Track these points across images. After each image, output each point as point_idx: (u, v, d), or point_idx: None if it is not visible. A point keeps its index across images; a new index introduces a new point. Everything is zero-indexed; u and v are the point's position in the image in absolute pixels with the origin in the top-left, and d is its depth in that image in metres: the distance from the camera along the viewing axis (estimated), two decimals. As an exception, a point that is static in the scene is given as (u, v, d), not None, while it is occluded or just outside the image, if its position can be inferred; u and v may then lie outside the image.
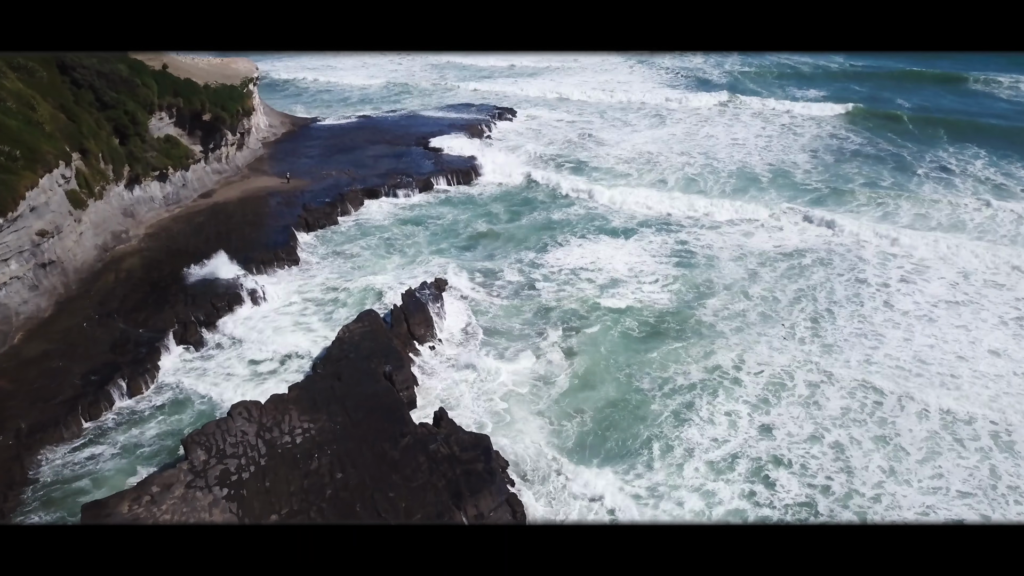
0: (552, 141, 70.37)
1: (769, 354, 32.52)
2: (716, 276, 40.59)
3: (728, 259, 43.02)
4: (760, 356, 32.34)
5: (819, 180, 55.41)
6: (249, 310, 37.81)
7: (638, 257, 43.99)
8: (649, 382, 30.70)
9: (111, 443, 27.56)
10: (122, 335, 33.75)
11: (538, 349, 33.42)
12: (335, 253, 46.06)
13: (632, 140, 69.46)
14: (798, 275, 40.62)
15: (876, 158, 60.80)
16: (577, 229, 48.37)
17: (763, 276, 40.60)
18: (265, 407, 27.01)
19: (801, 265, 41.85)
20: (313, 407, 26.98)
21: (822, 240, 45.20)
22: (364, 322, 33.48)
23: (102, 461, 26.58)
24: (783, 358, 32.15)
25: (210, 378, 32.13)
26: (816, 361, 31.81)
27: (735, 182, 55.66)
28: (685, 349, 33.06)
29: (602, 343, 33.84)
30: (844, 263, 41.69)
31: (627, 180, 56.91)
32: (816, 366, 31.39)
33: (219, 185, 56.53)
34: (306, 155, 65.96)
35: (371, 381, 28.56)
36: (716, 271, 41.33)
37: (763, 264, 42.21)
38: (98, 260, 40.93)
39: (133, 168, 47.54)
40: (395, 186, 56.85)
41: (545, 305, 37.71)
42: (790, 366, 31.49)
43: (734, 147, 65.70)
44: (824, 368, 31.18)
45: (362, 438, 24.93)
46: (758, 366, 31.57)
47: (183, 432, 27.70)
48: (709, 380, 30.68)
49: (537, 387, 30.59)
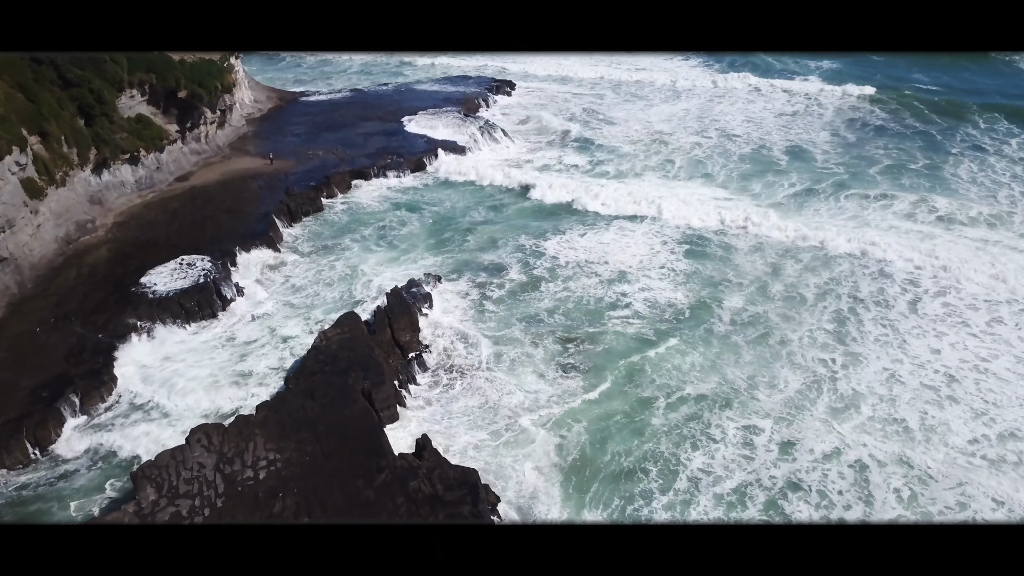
0: (552, 115, 67.04)
1: (788, 359, 29.76)
2: (733, 272, 37.65)
3: (746, 250, 40.04)
4: (779, 365, 29.59)
5: (841, 162, 52.10)
6: (222, 311, 35.07)
7: (648, 247, 41.05)
8: (656, 391, 27.97)
9: (56, 472, 25.01)
10: (79, 341, 31.08)
11: (536, 356, 30.69)
12: (318, 243, 43.17)
13: (643, 116, 66.07)
14: (822, 267, 37.72)
15: (903, 136, 57.42)
16: (586, 217, 45.33)
17: (785, 270, 37.68)
18: (228, 432, 24.41)
19: (826, 257, 38.89)
20: (281, 433, 24.36)
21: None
22: (343, 327, 30.74)
23: (46, 495, 24.05)
24: (804, 363, 29.41)
25: (176, 385, 29.47)
26: (839, 374, 29.06)
27: (748, 166, 52.33)
28: (697, 352, 30.29)
29: (607, 348, 31.07)
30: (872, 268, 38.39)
31: (631, 162, 53.58)
32: (839, 381, 28.64)
33: (197, 167, 53.48)
34: (292, 133, 62.75)
35: (347, 401, 25.88)
36: (732, 265, 38.37)
37: (784, 256, 39.27)
38: (59, 254, 38.14)
39: (100, 151, 44.51)
40: (385, 167, 53.78)
41: (547, 304, 34.89)
42: (811, 377, 28.75)
43: (751, 125, 62.29)
44: (851, 387, 28.41)
45: (333, 473, 22.31)
46: (776, 377, 28.82)
47: (138, 457, 25.24)
48: (720, 392, 27.94)
49: (534, 400, 27.88)
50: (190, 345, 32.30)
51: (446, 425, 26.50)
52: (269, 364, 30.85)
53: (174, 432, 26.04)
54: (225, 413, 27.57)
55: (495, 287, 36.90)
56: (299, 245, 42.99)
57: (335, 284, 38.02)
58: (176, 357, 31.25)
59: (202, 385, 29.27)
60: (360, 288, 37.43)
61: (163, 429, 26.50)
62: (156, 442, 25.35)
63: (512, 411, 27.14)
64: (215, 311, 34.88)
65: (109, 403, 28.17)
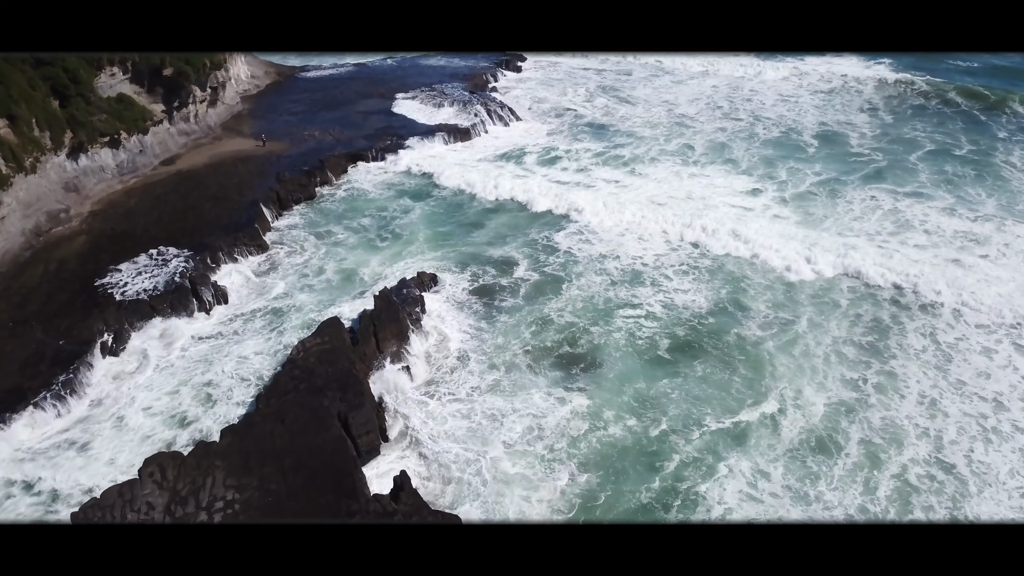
0: (564, 94, 63.69)
1: (820, 388, 26.90)
2: (758, 276, 34.60)
3: (762, 285, 36.89)
4: (809, 393, 26.75)
5: (878, 147, 48.51)
6: (197, 315, 32.71)
7: (666, 238, 38.06)
8: (670, 418, 25.24)
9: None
10: (38, 349, 28.85)
11: (538, 371, 28.03)
12: (308, 234, 40.61)
13: (667, 96, 62.54)
14: (860, 299, 34.49)
15: (944, 116, 53.54)
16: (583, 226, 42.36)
17: (802, 292, 34.58)
18: (185, 463, 22.11)
19: (858, 286, 35.60)
20: (244, 465, 21.99)
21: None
22: (323, 336, 28.27)
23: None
24: (837, 397, 26.56)
25: (136, 400, 27.21)
26: (871, 399, 26.18)
27: (773, 151, 48.86)
28: (717, 376, 27.49)
29: (616, 365, 28.33)
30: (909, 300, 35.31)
31: (648, 147, 50.20)
32: (871, 408, 25.76)
33: (186, 149, 50.96)
34: (289, 112, 60.03)
35: (320, 427, 23.43)
36: (757, 267, 35.35)
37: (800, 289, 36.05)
38: (26, 248, 35.88)
39: (76, 134, 42.08)
40: (384, 149, 50.95)
41: (554, 307, 32.13)
42: (845, 411, 25.89)
43: (784, 105, 58.62)
44: (888, 417, 25.51)
45: (298, 517, 19.91)
46: (805, 408, 25.99)
47: (96, 486, 23.03)
48: (740, 427, 25.15)
49: (534, 425, 25.21)
50: (159, 352, 29.97)
51: (432, 454, 23.94)
52: (243, 376, 28.45)
53: (126, 460, 23.74)
54: (186, 437, 25.25)
55: (497, 288, 34.17)
56: (288, 237, 40.44)
57: (324, 282, 35.53)
58: (141, 368, 28.92)
59: (164, 404, 26.96)
60: (351, 287, 34.91)
61: (115, 455, 24.20)
62: (101, 476, 23.06)
63: (508, 440, 24.48)
64: (191, 313, 32.54)
65: (59, 425, 25.87)
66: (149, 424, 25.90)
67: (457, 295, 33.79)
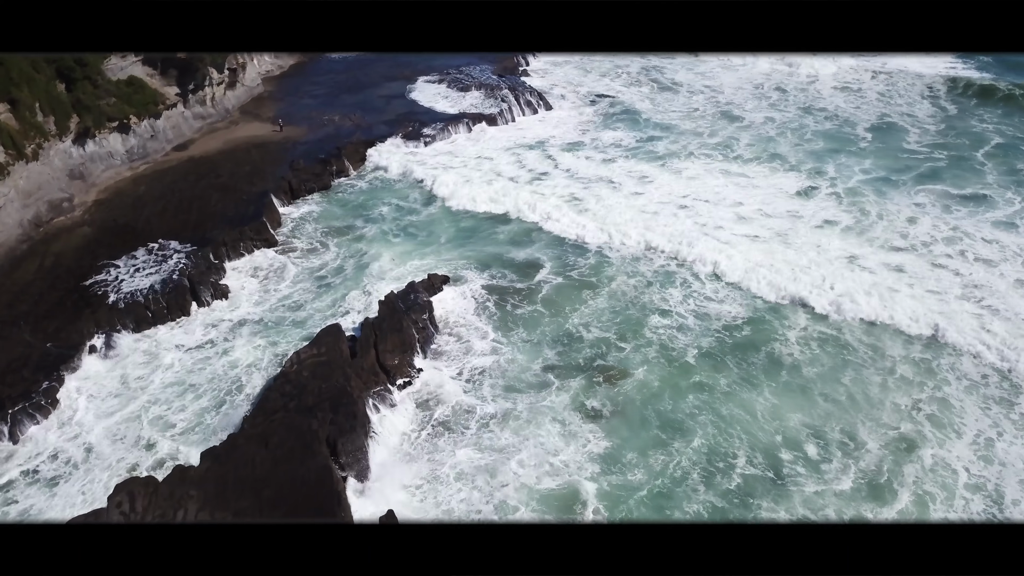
0: (603, 78, 60.83)
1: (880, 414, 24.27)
2: (806, 274, 31.84)
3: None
4: (873, 421, 24.15)
5: (938, 142, 44.77)
6: (196, 313, 31.24)
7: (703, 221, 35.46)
8: (702, 456, 22.87)
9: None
10: (24, 352, 27.67)
11: (555, 393, 25.82)
12: (320, 228, 38.81)
13: (713, 82, 59.05)
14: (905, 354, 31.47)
15: (1018, 108, 49.43)
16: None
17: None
18: (158, 491, 20.57)
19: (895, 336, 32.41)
20: (220, 495, 20.34)
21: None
22: (320, 347, 26.48)
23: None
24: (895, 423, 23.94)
25: (124, 411, 25.84)
26: (926, 432, 23.47)
27: (823, 144, 45.41)
28: (755, 399, 25.02)
29: (643, 386, 25.94)
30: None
31: (686, 141, 47.07)
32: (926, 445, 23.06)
33: (200, 134, 49.57)
34: (310, 94, 58.30)
35: (306, 453, 21.65)
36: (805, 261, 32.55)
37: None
38: (23, 240, 34.76)
39: (83, 119, 40.85)
40: (405, 136, 48.87)
41: (578, 319, 29.86)
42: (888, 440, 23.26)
43: (842, 94, 54.68)
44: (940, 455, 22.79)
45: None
46: (849, 431, 23.41)
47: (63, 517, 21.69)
48: (781, 463, 22.69)
49: (544, 465, 22.87)
50: (150, 361, 28.52)
51: (427, 489, 21.98)
52: (234, 387, 26.86)
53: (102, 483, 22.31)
54: (167, 453, 23.76)
55: (514, 293, 31.96)
56: (298, 231, 38.71)
57: (332, 282, 33.73)
58: (130, 377, 27.50)
59: (154, 413, 25.51)
60: (360, 288, 32.99)
61: (88, 478, 22.80)
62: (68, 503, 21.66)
63: (518, 481, 22.20)
64: (188, 314, 31.06)
65: (37, 440, 24.56)
66: (123, 446, 24.49)
67: (472, 300, 31.68)
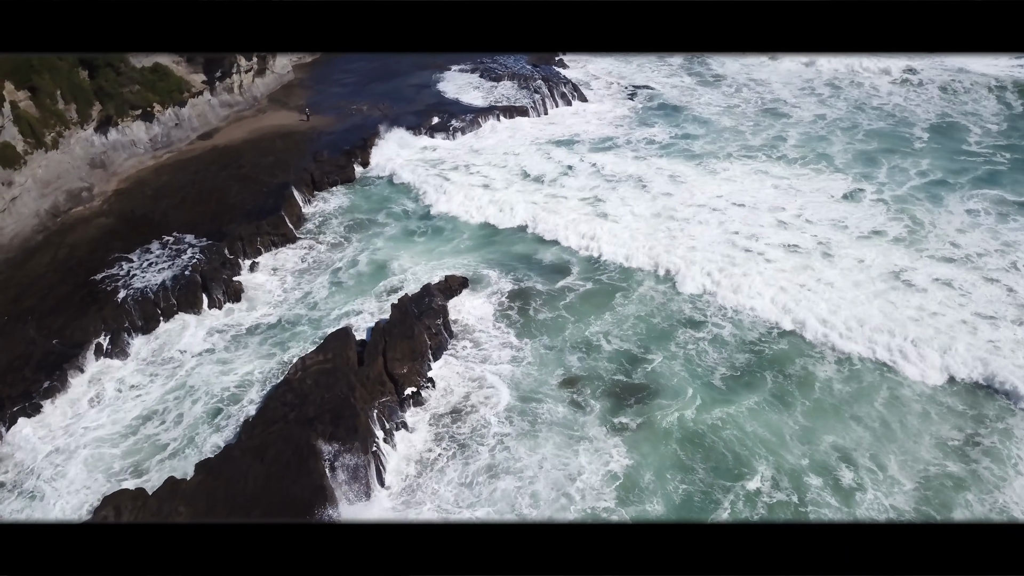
0: (644, 68, 58.69)
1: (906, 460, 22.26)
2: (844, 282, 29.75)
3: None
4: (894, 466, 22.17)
5: (1002, 144, 41.83)
6: (207, 313, 30.48)
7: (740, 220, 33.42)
8: (716, 484, 21.20)
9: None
10: (26, 350, 27.14)
11: (576, 409, 24.34)
12: (342, 223, 37.80)
13: (761, 74, 56.49)
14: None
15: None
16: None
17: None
18: (146, 506, 19.79)
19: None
20: (209, 513, 19.41)
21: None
22: (327, 352, 25.40)
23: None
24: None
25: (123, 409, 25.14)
26: (981, 467, 21.39)
27: (876, 145, 42.74)
28: (785, 420, 23.19)
29: (668, 402, 24.32)
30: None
31: (725, 140, 44.74)
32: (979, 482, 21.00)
33: (226, 122, 49.02)
34: (340, 83, 57.46)
35: (302, 469, 20.61)
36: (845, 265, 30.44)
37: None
38: (39, 230, 34.40)
39: (105, 107, 40.45)
40: (433, 128, 47.64)
41: (602, 326, 28.30)
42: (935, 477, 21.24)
43: (900, 90, 51.74)
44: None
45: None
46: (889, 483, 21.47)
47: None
48: (806, 488, 20.87)
49: (559, 498, 21.42)
50: (155, 362, 27.80)
51: (433, 513, 20.73)
52: (245, 392, 25.96)
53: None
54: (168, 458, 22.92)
55: (537, 296, 30.48)
56: (318, 225, 37.76)
57: (349, 281, 32.61)
58: (133, 379, 26.81)
59: (154, 415, 24.73)
60: (378, 288, 31.92)
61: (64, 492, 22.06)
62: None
63: (533, 513, 20.82)
64: (199, 312, 30.31)
65: (28, 445, 23.95)
66: (128, 441, 23.76)
67: (491, 304, 30.27)
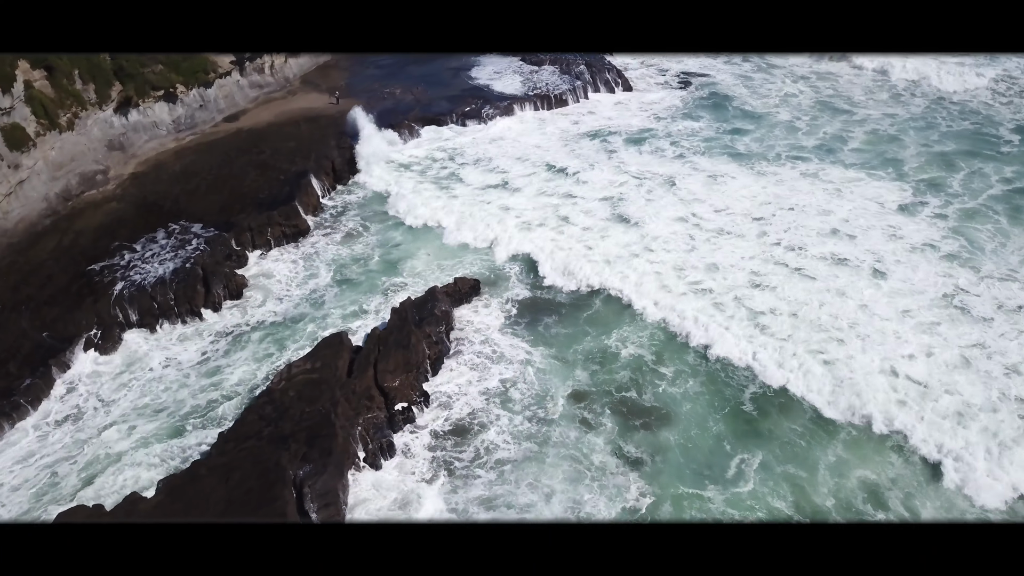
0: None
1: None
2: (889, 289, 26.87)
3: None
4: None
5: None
6: (206, 310, 29.42)
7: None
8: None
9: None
10: (16, 342, 26.52)
11: (583, 432, 22.40)
12: (359, 216, 36.40)
13: (823, 66, 52.51)
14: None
15: None
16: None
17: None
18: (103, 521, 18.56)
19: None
20: (162, 539, 18.11)
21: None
22: (316, 360, 23.98)
23: None
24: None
25: (112, 413, 24.24)
26: None
27: (955, 147, 38.84)
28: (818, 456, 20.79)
29: (683, 430, 22.16)
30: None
31: (776, 137, 41.39)
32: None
33: (254, 104, 48.00)
34: (376, 64, 55.86)
35: (266, 495, 19.19)
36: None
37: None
38: (47, 214, 33.88)
39: (125, 87, 39.77)
40: (465, 115, 45.72)
41: (614, 340, 26.21)
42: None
43: (989, 83, 47.37)
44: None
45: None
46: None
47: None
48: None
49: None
50: (143, 362, 26.85)
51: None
52: (229, 400, 24.79)
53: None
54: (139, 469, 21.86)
55: (546, 304, 28.54)
56: (334, 217, 36.41)
57: (359, 280, 31.25)
58: (120, 379, 25.88)
59: (137, 432, 23.73)
60: (388, 287, 30.43)
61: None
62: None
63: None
64: (196, 309, 29.23)
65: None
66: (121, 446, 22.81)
67: (499, 311, 28.43)
